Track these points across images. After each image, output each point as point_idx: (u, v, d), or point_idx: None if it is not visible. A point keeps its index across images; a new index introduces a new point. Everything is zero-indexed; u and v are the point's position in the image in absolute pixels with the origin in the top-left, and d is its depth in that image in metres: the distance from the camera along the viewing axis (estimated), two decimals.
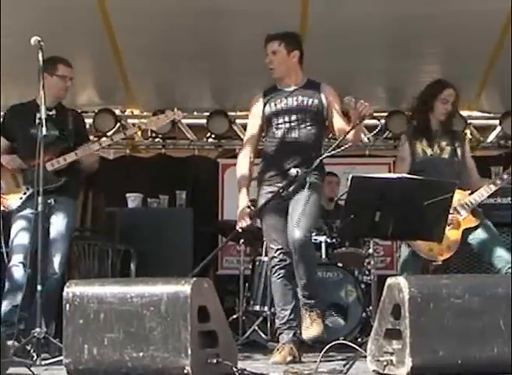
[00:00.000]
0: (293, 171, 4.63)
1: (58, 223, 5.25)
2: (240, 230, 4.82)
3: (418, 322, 3.36)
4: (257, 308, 6.39)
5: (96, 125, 8.16)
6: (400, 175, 4.43)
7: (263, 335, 6.25)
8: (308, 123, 4.95)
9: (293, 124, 4.94)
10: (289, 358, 4.74)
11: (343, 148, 4.60)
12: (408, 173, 5.23)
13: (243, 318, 6.62)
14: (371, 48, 7.02)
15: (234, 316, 6.73)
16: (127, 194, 7.74)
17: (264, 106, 5.04)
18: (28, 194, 5.26)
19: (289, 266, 4.89)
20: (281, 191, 4.68)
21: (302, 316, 4.88)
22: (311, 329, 4.83)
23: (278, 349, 4.84)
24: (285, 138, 4.95)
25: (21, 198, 5.30)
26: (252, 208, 4.90)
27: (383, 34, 6.90)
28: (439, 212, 4.29)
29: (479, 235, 5.22)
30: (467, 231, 5.22)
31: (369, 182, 4.27)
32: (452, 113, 5.41)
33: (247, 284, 6.71)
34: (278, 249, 4.90)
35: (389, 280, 3.61)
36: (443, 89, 5.38)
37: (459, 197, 5.14)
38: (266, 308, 6.28)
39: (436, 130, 5.39)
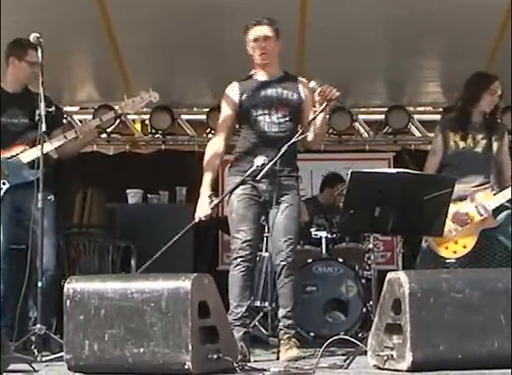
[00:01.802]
0: (260, 159, 4.56)
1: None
2: (198, 221, 4.75)
3: (419, 316, 3.37)
4: (257, 303, 6.38)
5: None
6: (399, 170, 4.42)
7: (264, 331, 6.26)
8: (288, 118, 4.78)
9: (273, 117, 4.76)
10: (239, 357, 4.10)
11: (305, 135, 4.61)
12: (439, 167, 5.21)
13: None
14: (372, 44, 7.02)
15: None
16: (127, 190, 7.74)
17: (241, 96, 4.84)
18: (5, 189, 4.93)
19: (252, 260, 4.76)
20: (246, 178, 4.62)
21: (281, 340, 4.73)
22: (289, 352, 4.63)
23: None
24: (265, 131, 4.76)
25: None
26: (214, 198, 4.78)
27: (383, 30, 6.90)
28: (439, 206, 4.29)
29: (503, 229, 5.14)
30: (486, 231, 5.14)
31: (369, 177, 4.27)
32: (497, 106, 5.32)
33: None
34: (245, 241, 4.69)
35: (389, 275, 3.61)
36: (494, 80, 5.27)
37: (482, 196, 5.10)
38: (267, 304, 6.27)
39: (476, 123, 5.25)
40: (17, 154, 4.91)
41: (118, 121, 8.32)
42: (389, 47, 7.21)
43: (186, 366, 3.36)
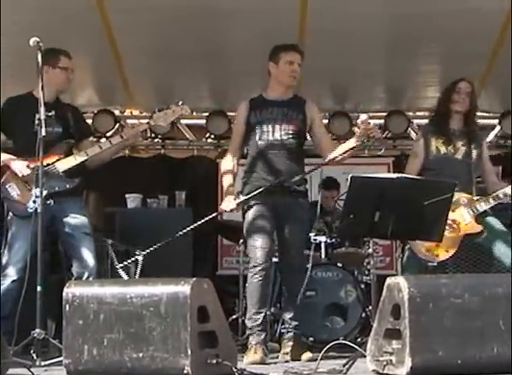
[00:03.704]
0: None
1: (80, 223, 5.08)
2: (228, 211, 5.04)
3: (418, 322, 3.36)
4: None
5: (95, 126, 8.16)
6: (399, 175, 4.43)
7: None
8: (291, 136, 5.07)
9: (276, 134, 5.05)
10: (264, 358, 4.83)
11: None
12: (420, 170, 5.25)
13: (243, 318, 6.61)
14: (371, 48, 7.01)
15: (234, 317, 6.75)
16: (126, 195, 7.74)
17: (249, 114, 5.13)
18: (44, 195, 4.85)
19: (270, 268, 5.06)
20: (270, 186, 4.92)
21: (293, 341, 5.09)
22: (306, 353, 5.00)
23: (251, 350, 4.89)
24: (268, 148, 5.05)
25: (34, 202, 4.79)
26: (239, 197, 5.05)
27: (383, 34, 6.90)
28: (439, 212, 4.29)
29: (486, 233, 5.17)
30: (469, 236, 5.19)
31: (368, 182, 4.27)
32: (471, 109, 5.38)
33: (246, 285, 6.70)
34: (262, 250, 4.96)
35: (388, 280, 3.61)
36: (458, 81, 5.41)
37: (467, 200, 5.12)
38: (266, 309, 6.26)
39: (454, 130, 5.37)
40: (53, 162, 4.96)
41: (117, 125, 8.31)
42: (389, 51, 7.20)
43: (185, 371, 3.36)
